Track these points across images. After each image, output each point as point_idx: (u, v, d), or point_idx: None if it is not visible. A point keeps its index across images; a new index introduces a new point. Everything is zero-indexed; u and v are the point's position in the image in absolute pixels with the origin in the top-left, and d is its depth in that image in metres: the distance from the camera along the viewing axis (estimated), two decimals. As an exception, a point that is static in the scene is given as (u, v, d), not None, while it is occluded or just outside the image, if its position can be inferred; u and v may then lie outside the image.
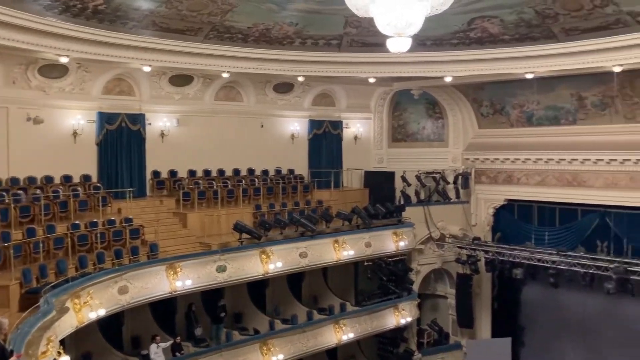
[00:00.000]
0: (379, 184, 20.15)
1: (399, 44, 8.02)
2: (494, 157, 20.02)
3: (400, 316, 18.08)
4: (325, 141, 20.35)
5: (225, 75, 16.27)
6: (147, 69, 14.98)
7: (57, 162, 15.08)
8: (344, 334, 16.66)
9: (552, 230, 18.57)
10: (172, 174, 17.42)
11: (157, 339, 13.46)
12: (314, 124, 20.09)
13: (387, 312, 17.96)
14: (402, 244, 18.12)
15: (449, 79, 17.40)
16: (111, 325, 13.75)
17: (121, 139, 16.21)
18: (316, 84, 19.39)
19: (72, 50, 12.98)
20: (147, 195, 16.83)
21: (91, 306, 11.15)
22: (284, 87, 18.95)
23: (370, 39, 14.96)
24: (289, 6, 13.26)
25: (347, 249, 16.59)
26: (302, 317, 16.55)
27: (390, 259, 18.22)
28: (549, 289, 17.60)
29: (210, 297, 15.27)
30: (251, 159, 18.80)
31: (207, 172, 18.04)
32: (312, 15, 13.73)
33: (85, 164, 15.64)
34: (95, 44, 13.18)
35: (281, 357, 15.11)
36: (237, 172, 18.60)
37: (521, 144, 19.22)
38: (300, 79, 17.76)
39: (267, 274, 15.03)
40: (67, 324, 10.09)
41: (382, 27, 7.36)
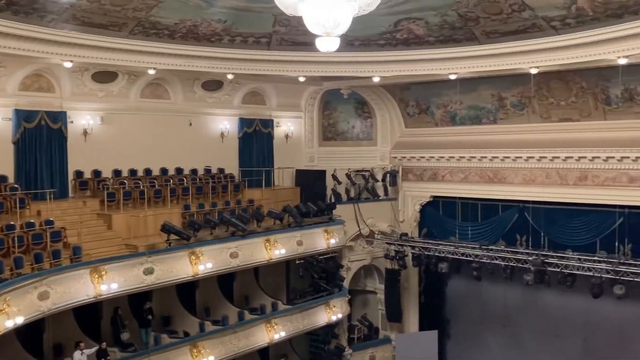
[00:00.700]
0: (310, 182, 20.27)
1: (327, 44, 8.09)
2: (420, 155, 20.63)
3: (331, 313, 18.29)
4: (256, 140, 20.23)
5: (151, 72, 15.85)
6: (68, 65, 14.31)
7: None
8: (276, 332, 16.67)
9: (475, 225, 19.37)
10: (96, 174, 16.78)
11: (81, 345, 12.92)
12: (245, 123, 19.94)
13: (319, 310, 18.12)
14: (333, 242, 18.33)
15: (376, 79, 17.76)
16: (31, 333, 13.08)
17: (41, 138, 15.43)
18: (246, 82, 19.24)
19: (-16, 43, 12.27)
20: (69, 196, 16.12)
21: (8, 314, 10.58)
22: (213, 84, 18.68)
23: (299, 37, 15.02)
24: (217, 3, 13.09)
25: (278, 248, 16.60)
26: (233, 317, 16.40)
27: (321, 257, 18.38)
28: (473, 282, 18.35)
29: (137, 300, 14.83)
30: (179, 158, 18.41)
31: (133, 172, 17.51)
32: (241, 12, 13.61)
33: (0, 164, 14.79)
34: (9, 37, 12.45)
35: (212, 358, 14.91)
36: (164, 171, 18.16)
37: (445, 142, 19.90)
38: (229, 77, 17.57)
39: (197, 275, 14.77)
40: (-19, 334, 9.53)
41: (311, 26, 7.40)
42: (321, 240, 18.09)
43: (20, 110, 15.03)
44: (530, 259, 16.55)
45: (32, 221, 13.57)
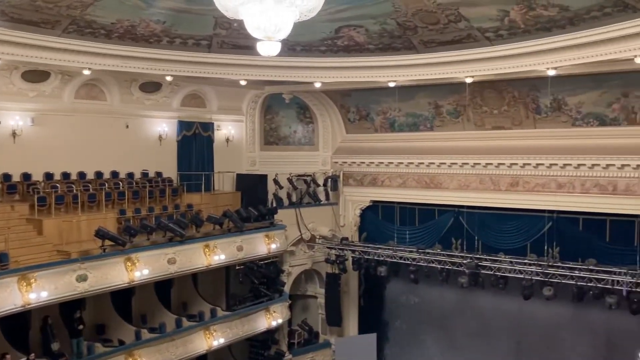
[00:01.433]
0: (252, 186, 20.11)
1: (269, 48, 8.09)
2: (360, 160, 20.94)
3: (271, 318, 18.19)
4: (195, 143, 19.90)
5: (86, 72, 15.33)
6: (-5, 63, 13.69)
7: None
8: (215, 339, 16.42)
9: (412, 229, 19.81)
10: (26, 177, 16.03)
11: (7, 357, 12.28)
12: (184, 125, 19.58)
13: (259, 315, 17.99)
14: (274, 247, 18.26)
15: (318, 85, 17.90)
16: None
17: (-36, 139, 14.65)
18: (186, 85, 18.93)
19: None
20: (-5, 200, 15.35)
21: None
22: (151, 86, 18.27)
23: (241, 41, 14.94)
24: (156, 3, 12.83)
25: (218, 254, 16.37)
26: (170, 325, 16.03)
27: (262, 262, 18.26)
28: (410, 285, 18.75)
29: (69, 308, 14.25)
30: (115, 161, 17.86)
31: (65, 175, 16.85)
32: (181, 14, 13.40)
33: None
34: None
35: (148, 367, 14.55)
36: (99, 175, 17.58)
37: (385, 148, 20.28)
38: (168, 79, 17.24)
39: (133, 282, 14.36)
40: None
41: (252, 30, 7.38)
42: (262, 245, 18.00)
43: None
44: (464, 262, 17.08)
45: (-46, 227, 12.84)
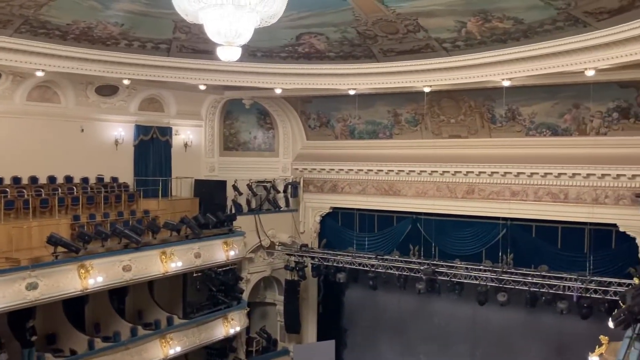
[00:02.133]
0: (210, 193, 19.89)
1: (229, 53, 8.07)
2: (320, 167, 21.00)
3: (229, 326, 18.00)
4: (152, 148, 19.57)
5: (39, 74, 14.87)
6: (-59, 62, 13.15)
7: None
8: (171, 348, 16.12)
9: (371, 235, 19.98)
10: (-27, 181, 15.46)
11: (-49, 369, 11.80)
12: (141, 130, 19.24)
13: (216, 323, 17.78)
14: (232, 253, 18.08)
15: (278, 91, 17.89)
16: None
17: None
18: (143, 88, 18.62)
19: None
20: (-61, 205, 14.71)
21: None
22: (108, 89, 17.90)
23: (200, 45, 14.81)
24: (113, 5, 12.58)
25: (175, 261, 16.10)
26: (125, 333, 15.66)
27: (220, 269, 18.05)
28: (369, 291, 18.87)
29: (19, 318, 13.74)
30: (69, 165, 17.38)
31: (16, 180, 16.28)
32: (140, 17, 13.19)
33: None
34: None
35: (102, 377, 14.16)
36: (52, 179, 17.07)
37: (345, 155, 20.41)
38: (125, 82, 16.91)
39: (87, 290, 13.96)
40: None
41: (212, 35, 7.36)
42: (220, 252, 17.80)
43: None
44: (422, 268, 17.33)
45: None
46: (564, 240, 16.82)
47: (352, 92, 17.29)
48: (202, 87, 17.89)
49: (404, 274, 17.67)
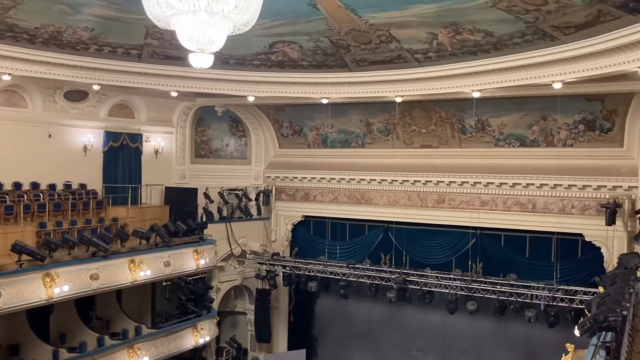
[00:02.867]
0: (181, 200, 19.66)
1: (201, 60, 8.00)
2: (293, 175, 20.99)
3: (199, 336, 17.77)
4: (122, 154, 19.27)
5: (6, 78, 14.55)
6: None
7: None
8: (139, 358, 15.83)
9: (343, 244, 20.01)
10: None
11: None
12: (110, 136, 18.94)
13: (186, 333, 17.54)
14: (202, 262, 17.88)
15: (251, 99, 17.85)
16: None
17: None
18: (114, 94, 18.35)
19: None
20: None
21: None
22: (77, 95, 17.58)
23: (172, 52, 14.69)
24: (84, 10, 12.40)
25: (144, 269, 15.83)
26: (92, 343, 15.33)
27: (190, 278, 17.85)
28: (340, 300, 18.89)
29: (-21, 328, 13.38)
30: (36, 171, 17.00)
31: (-20, 186, 15.88)
32: (110, 22, 13.03)
33: None
34: None
35: (66, 389, 13.82)
36: (18, 186, 16.66)
37: (317, 164, 20.44)
38: (95, 88, 16.66)
39: (52, 299, 13.61)
40: None
41: (184, 41, 7.29)
42: (190, 260, 17.58)
43: None
44: (393, 277, 17.40)
45: None
46: (532, 249, 17.11)
47: (325, 101, 17.35)
48: (174, 94, 17.74)
49: (375, 282, 17.72)
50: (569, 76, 12.82)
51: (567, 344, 11.08)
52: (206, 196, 19.97)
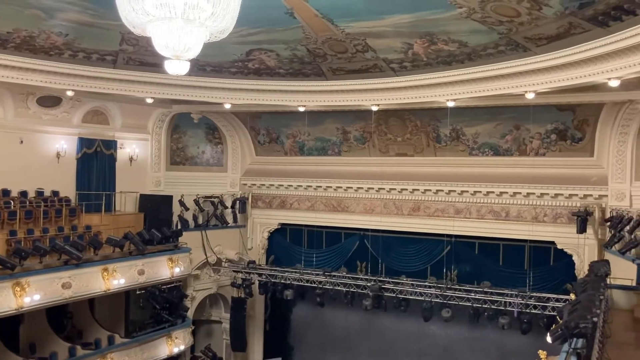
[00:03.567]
0: (156, 208, 19.46)
1: (177, 67, 7.94)
2: (269, 183, 20.96)
3: (173, 345, 17.58)
4: (96, 161, 19.03)
5: (-24, 82, 14.33)
6: None
7: None
8: (112, 368, 15.63)
9: (319, 252, 20.02)
10: None
11: None
12: (84, 143, 18.69)
13: (160, 342, 17.33)
14: (177, 270, 17.72)
15: (228, 106, 17.79)
16: None
17: None
18: (88, 100, 18.13)
19: None
20: None
21: None
22: (50, 100, 17.33)
23: (148, 58, 14.58)
24: (58, 15, 12.25)
25: (117, 278, 15.64)
26: (63, 354, 15.06)
27: (164, 286, 17.67)
28: (316, 308, 18.85)
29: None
30: (7, 178, 16.65)
31: (-52, 193, 15.52)
32: (85, 27, 12.88)
33: None
34: None
35: (36, 401, 13.52)
36: (-13, 192, 16.35)
37: (294, 171, 20.46)
38: (69, 94, 16.43)
39: (22, 309, 13.35)
40: None
41: (160, 48, 7.25)
42: (165, 269, 17.41)
43: None
44: (369, 284, 17.44)
45: None
46: (506, 257, 17.35)
47: (302, 109, 17.39)
48: (149, 101, 17.61)
49: (351, 290, 17.74)
50: (541, 86, 13.07)
51: (540, 351, 11.22)
52: (181, 204, 19.82)
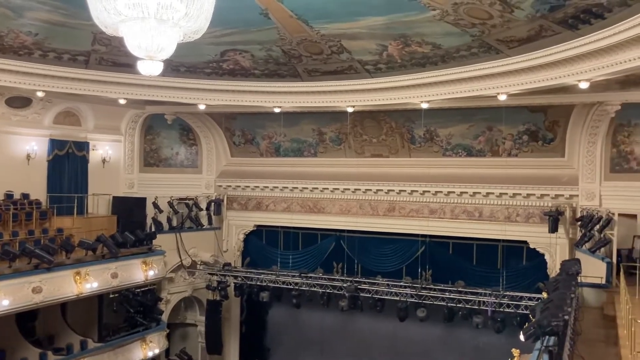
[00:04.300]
0: (129, 210, 19.18)
1: (150, 67, 7.87)
2: (245, 184, 20.85)
3: (148, 348, 17.38)
4: (68, 163, 18.69)
5: (-58, 82, 13.96)
6: None
7: None
8: (85, 373, 15.37)
9: (295, 253, 19.99)
10: None
11: None
12: (56, 144, 18.34)
13: (134, 346, 17.12)
14: (151, 273, 17.50)
15: (202, 107, 17.66)
16: None
17: None
18: (59, 101, 17.81)
19: None
20: None
21: None
22: (20, 101, 16.97)
23: (121, 58, 14.39)
24: (27, 14, 12.02)
25: (90, 281, 15.37)
26: None
27: (138, 290, 17.45)
28: (292, 310, 18.83)
29: None
30: (-25, 181, 16.32)
31: None
32: (56, 27, 12.67)
33: None
34: None
35: (6, 408, 13.22)
36: (-46, 195, 15.95)
37: (270, 172, 20.40)
38: (39, 94, 16.13)
39: (-10, 314, 13.08)
40: None
41: (133, 48, 7.16)
42: (139, 272, 17.18)
43: None
44: (345, 285, 17.49)
45: None
46: (479, 256, 17.57)
47: (277, 110, 17.35)
48: (122, 101, 17.38)
49: (327, 291, 17.76)
50: (513, 88, 13.28)
51: (513, 349, 11.39)
52: (155, 206, 19.58)
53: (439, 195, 17.66)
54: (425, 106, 15.17)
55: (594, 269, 13.29)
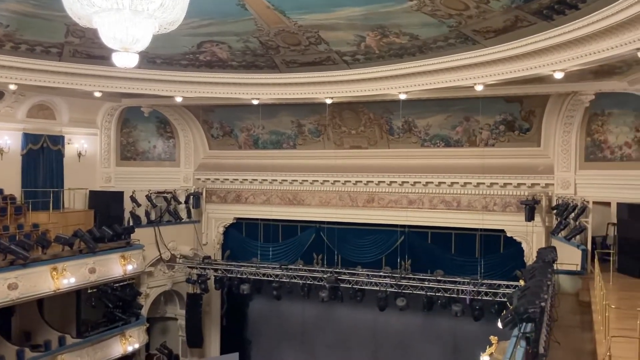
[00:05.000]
0: (106, 204, 18.94)
1: (125, 59, 7.76)
2: (224, 177, 20.75)
3: (127, 343, 17.26)
4: (42, 158, 18.36)
5: None
6: None
7: None
8: (63, 369, 15.21)
9: (275, 245, 19.99)
10: None
11: None
12: (30, 138, 18.00)
13: (113, 341, 16.98)
14: (130, 268, 17.36)
15: (179, 99, 17.49)
16: None
17: None
18: (33, 94, 17.46)
19: None
20: None
21: None
22: (-9, 95, 16.65)
23: (95, 50, 14.15)
24: (-3, 5, 11.76)
25: (67, 277, 15.19)
26: (11, 357, 14.53)
27: (117, 284, 17.29)
28: (273, 302, 18.87)
29: None
30: (-54, 176, 15.97)
31: None
32: (27, 18, 12.39)
33: None
34: None
35: (-18, 407, 13.04)
36: None
37: (249, 165, 20.32)
38: (12, 88, 15.79)
39: (-35, 311, 12.86)
40: None
41: (107, 40, 7.06)
42: (117, 266, 17.02)
43: None
44: (325, 276, 17.56)
45: None
46: (457, 245, 17.77)
47: (255, 102, 17.26)
48: (98, 94, 17.11)
49: (308, 282, 17.82)
50: (489, 79, 13.38)
51: (491, 336, 11.56)
52: (133, 200, 19.37)
53: (417, 185, 17.79)
54: (403, 97, 15.23)
55: (569, 257, 13.53)
